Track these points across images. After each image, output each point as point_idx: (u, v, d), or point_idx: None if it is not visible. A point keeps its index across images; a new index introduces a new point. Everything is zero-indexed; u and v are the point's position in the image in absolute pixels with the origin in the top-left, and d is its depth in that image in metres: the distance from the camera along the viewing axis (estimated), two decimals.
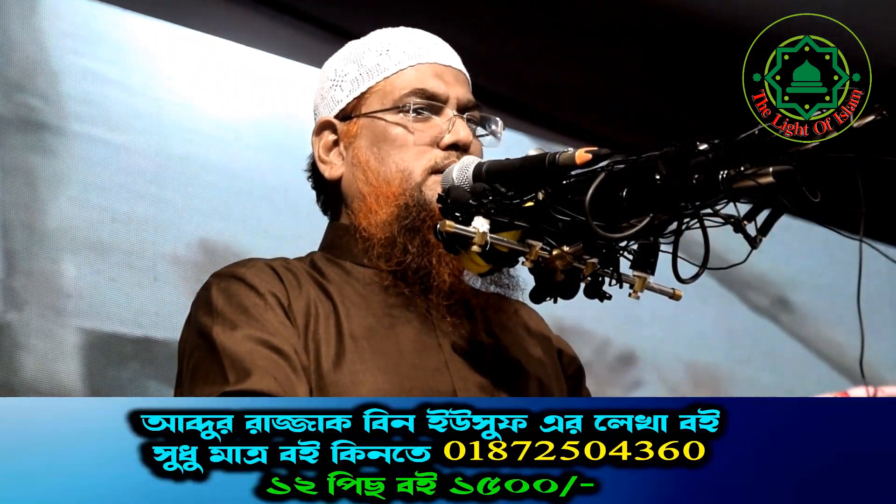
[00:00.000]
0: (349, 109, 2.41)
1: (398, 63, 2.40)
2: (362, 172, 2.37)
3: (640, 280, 2.14)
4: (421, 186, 2.32)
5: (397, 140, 2.35)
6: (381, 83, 2.39)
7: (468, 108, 2.39)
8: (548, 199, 2.10)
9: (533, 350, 2.41)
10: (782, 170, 1.97)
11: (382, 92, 2.39)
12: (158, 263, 3.79)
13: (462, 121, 2.36)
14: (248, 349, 2.17)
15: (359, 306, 2.30)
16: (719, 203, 2.04)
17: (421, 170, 2.33)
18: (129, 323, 3.74)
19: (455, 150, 2.34)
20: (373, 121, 2.38)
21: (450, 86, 2.39)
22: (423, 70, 2.39)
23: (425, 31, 2.47)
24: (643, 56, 4.76)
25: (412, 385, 2.22)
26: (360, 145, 2.38)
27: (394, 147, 2.35)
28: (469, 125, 2.38)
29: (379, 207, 2.33)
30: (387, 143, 2.36)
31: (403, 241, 2.29)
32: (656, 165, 2.02)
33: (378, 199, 2.33)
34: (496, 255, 2.15)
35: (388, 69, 2.40)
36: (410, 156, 2.34)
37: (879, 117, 1.95)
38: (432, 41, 2.45)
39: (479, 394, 2.26)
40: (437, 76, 2.39)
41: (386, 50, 2.41)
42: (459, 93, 2.39)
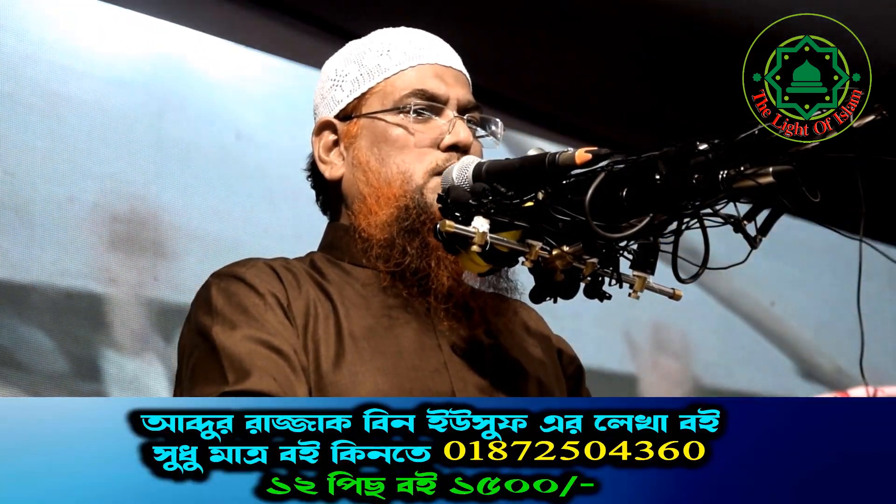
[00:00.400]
0: (349, 110, 2.41)
1: (399, 63, 2.40)
2: (363, 173, 2.37)
3: (640, 280, 2.14)
4: (422, 189, 2.32)
5: (398, 141, 2.35)
6: (381, 84, 2.39)
7: (468, 109, 2.39)
8: (548, 199, 2.10)
9: (533, 350, 2.41)
10: (782, 170, 1.97)
11: (383, 92, 2.39)
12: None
13: (462, 122, 2.36)
14: (247, 349, 2.17)
15: (358, 307, 2.30)
16: (719, 203, 2.04)
17: (422, 172, 2.33)
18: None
19: (455, 151, 2.34)
20: (373, 121, 2.38)
21: (450, 87, 2.39)
22: (423, 71, 2.40)
23: (426, 32, 2.47)
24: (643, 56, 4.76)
25: (412, 386, 2.23)
26: (361, 146, 2.38)
27: (394, 148, 2.35)
28: (470, 126, 2.38)
29: (379, 208, 2.33)
30: (387, 144, 2.36)
31: (402, 242, 2.29)
32: (656, 165, 2.02)
33: (378, 199, 2.33)
34: (496, 255, 2.16)
35: (389, 69, 2.40)
36: (411, 157, 2.34)
37: (879, 117, 1.95)
38: (433, 42, 2.45)
39: (478, 394, 2.26)
40: (438, 77, 2.39)
41: (387, 50, 2.41)
42: (460, 94, 2.39)
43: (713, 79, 3.83)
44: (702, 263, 2.12)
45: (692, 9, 4.58)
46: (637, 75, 4.84)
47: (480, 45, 4.40)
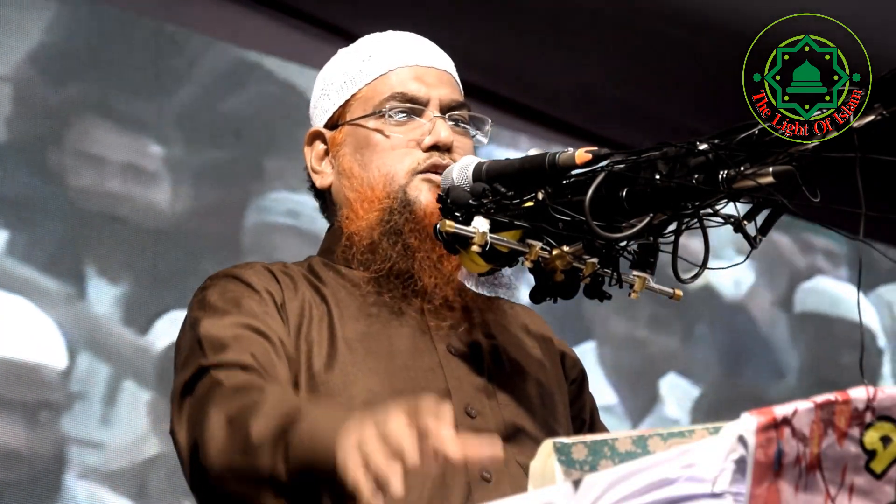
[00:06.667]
0: (336, 118, 2.41)
1: (379, 68, 2.39)
2: (347, 179, 2.37)
3: (640, 280, 2.14)
4: (405, 188, 2.32)
5: (378, 145, 2.35)
6: (363, 89, 2.39)
7: (452, 108, 2.39)
8: (548, 199, 2.10)
9: (533, 352, 2.40)
10: (782, 170, 1.97)
11: (364, 98, 2.38)
12: None
13: (443, 121, 2.35)
14: (232, 332, 2.19)
15: (353, 309, 2.30)
16: (719, 203, 2.04)
17: (403, 172, 2.33)
18: None
19: (437, 150, 2.34)
20: (356, 128, 2.38)
21: (431, 87, 2.38)
22: (402, 73, 2.39)
23: (410, 33, 2.46)
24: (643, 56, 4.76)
25: (404, 386, 2.23)
26: (345, 153, 2.39)
27: (375, 152, 2.35)
28: (460, 126, 2.38)
29: (364, 213, 2.33)
30: (368, 149, 2.36)
31: (386, 245, 2.30)
32: (656, 165, 2.02)
33: (363, 203, 2.34)
34: (496, 255, 2.16)
35: (371, 75, 2.39)
36: (392, 159, 2.34)
37: (879, 117, 1.95)
38: (415, 43, 2.44)
39: (475, 394, 2.26)
40: (418, 79, 2.38)
41: (368, 56, 2.41)
42: (442, 93, 2.38)
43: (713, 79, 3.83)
44: (702, 263, 2.13)
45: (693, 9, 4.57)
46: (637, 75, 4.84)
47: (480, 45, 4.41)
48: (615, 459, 1.73)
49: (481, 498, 2.15)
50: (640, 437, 1.75)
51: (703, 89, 4.64)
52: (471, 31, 4.36)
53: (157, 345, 3.92)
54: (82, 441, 3.80)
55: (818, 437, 1.62)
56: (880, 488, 1.65)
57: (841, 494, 1.63)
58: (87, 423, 3.81)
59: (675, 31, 4.63)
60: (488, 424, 2.24)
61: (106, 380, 3.84)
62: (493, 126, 2.47)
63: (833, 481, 1.63)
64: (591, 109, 4.94)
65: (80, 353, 3.83)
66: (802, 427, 1.60)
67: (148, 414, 3.89)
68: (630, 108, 4.96)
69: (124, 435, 3.84)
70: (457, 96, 2.40)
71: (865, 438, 1.65)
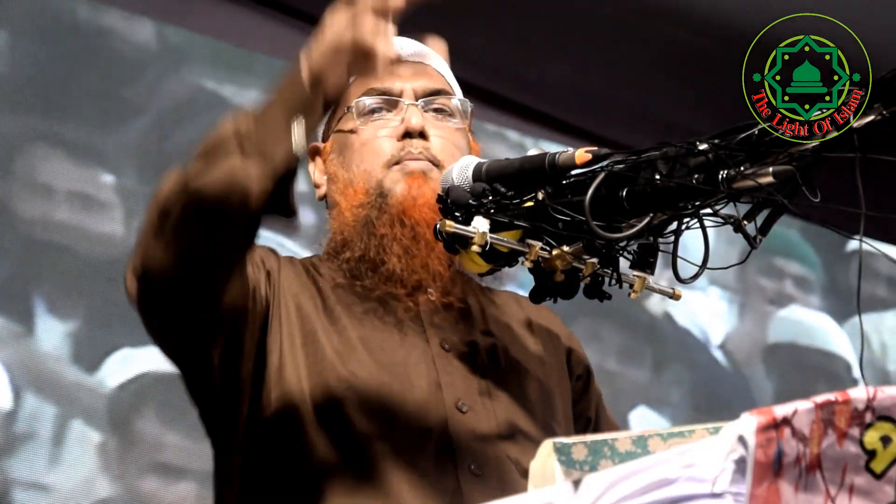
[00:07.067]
0: (326, 130, 2.42)
1: None
2: (334, 184, 2.38)
3: (640, 280, 2.14)
4: (382, 181, 2.32)
5: (354, 144, 2.36)
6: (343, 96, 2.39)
7: (427, 94, 2.38)
8: (548, 199, 2.10)
9: (534, 349, 2.40)
10: (782, 170, 1.98)
11: (344, 103, 2.38)
12: None
13: (415, 108, 2.35)
14: None
15: (347, 305, 2.31)
16: (719, 203, 2.05)
17: (379, 166, 2.33)
18: None
19: (409, 138, 2.33)
20: (338, 133, 2.39)
21: (404, 79, 2.38)
22: None
23: None
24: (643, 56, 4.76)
25: (392, 379, 2.23)
26: (332, 159, 2.40)
27: (353, 151, 2.36)
28: (438, 114, 2.37)
29: (348, 212, 2.34)
30: (348, 150, 2.37)
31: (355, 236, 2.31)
32: (656, 165, 2.02)
33: (347, 201, 2.35)
34: (496, 255, 2.16)
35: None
36: (368, 155, 2.34)
37: (879, 117, 1.95)
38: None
39: (467, 390, 2.27)
40: (391, 72, 2.37)
41: None
42: (416, 84, 2.38)
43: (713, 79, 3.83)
44: (702, 263, 2.13)
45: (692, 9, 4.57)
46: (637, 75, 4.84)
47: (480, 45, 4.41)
48: (615, 459, 1.73)
49: (471, 492, 2.16)
50: (640, 437, 1.75)
51: (704, 89, 4.64)
52: (475, 34, 4.36)
53: (107, 383, 3.79)
54: (28, 483, 3.67)
55: (818, 437, 1.62)
56: (880, 488, 1.65)
57: (841, 494, 1.63)
58: (34, 464, 3.68)
59: (676, 31, 4.63)
60: (480, 420, 2.24)
61: (52, 419, 3.71)
62: (496, 127, 2.46)
63: (833, 481, 1.63)
64: (591, 109, 4.94)
65: (25, 393, 3.70)
66: (802, 427, 1.60)
67: (97, 455, 3.75)
68: (630, 108, 4.96)
69: (72, 477, 3.71)
70: (434, 85, 2.40)
71: (865, 438, 1.65)
